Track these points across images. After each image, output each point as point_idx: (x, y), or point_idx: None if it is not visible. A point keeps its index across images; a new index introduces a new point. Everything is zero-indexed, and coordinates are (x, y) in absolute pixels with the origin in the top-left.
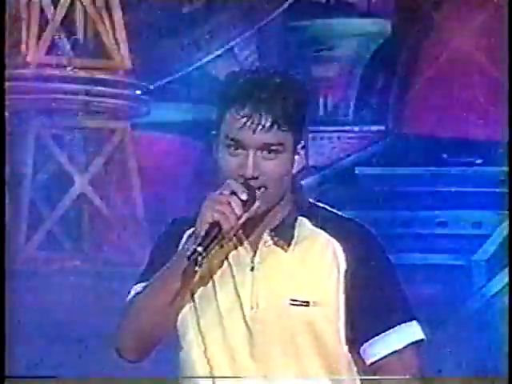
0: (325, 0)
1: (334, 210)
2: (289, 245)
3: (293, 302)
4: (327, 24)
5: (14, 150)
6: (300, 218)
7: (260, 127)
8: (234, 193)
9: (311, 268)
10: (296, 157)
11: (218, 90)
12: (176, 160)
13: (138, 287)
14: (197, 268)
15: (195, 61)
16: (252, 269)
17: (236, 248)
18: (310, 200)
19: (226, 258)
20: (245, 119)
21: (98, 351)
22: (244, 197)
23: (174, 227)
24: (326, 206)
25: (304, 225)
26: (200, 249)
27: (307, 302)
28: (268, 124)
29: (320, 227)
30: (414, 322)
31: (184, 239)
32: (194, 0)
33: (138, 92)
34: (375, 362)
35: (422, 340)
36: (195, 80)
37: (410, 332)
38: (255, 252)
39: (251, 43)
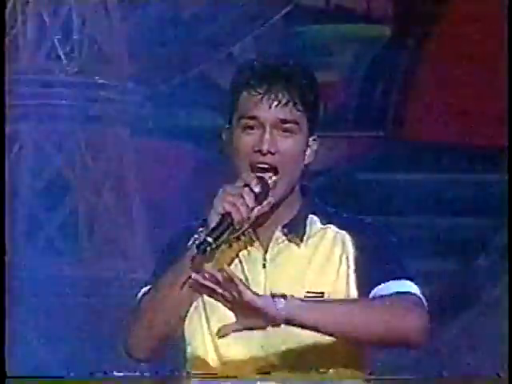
0: (324, 5)
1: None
2: (301, 240)
3: (308, 295)
4: (326, 29)
5: (12, 155)
6: (310, 215)
7: (276, 103)
8: (247, 185)
9: (322, 259)
10: (308, 149)
11: (232, 76)
12: (176, 166)
13: (147, 288)
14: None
15: (195, 66)
16: (264, 266)
17: (246, 247)
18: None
19: (237, 256)
20: (261, 95)
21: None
22: (257, 189)
23: (176, 238)
24: (333, 209)
25: (314, 222)
26: (210, 239)
27: (322, 292)
28: (284, 100)
29: (330, 223)
30: (415, 285)
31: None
32: (194, 5)
33: (138, 97)
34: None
35: (420, 298)
36: (195, 85)
37: (412, 287)
38: (266, 249)
39: (251, 48)
